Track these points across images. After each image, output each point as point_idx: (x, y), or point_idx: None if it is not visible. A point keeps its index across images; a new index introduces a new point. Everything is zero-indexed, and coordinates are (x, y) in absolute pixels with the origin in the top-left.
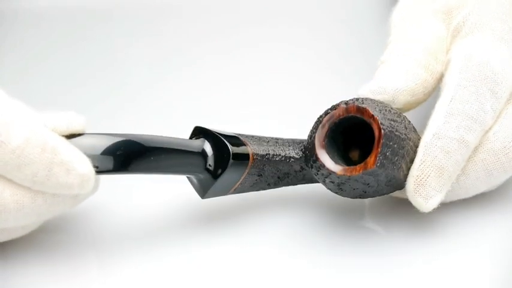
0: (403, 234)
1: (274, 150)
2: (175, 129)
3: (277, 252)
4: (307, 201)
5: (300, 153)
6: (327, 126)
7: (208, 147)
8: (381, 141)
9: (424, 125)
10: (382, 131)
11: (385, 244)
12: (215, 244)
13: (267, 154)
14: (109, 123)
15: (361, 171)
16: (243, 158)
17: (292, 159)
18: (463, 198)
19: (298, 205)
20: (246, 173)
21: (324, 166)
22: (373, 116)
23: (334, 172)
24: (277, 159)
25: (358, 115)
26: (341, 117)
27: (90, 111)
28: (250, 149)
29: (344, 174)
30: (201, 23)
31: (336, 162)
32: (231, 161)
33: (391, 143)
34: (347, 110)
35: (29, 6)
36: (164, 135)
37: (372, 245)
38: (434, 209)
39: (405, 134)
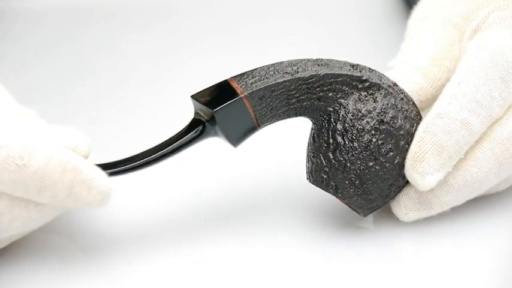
0: (404, 232)
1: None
2: (176, 126)
3: (280, 251)
4: (309, 199)
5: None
6: None
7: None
8: None
9: None
10: None
11: (385, 243)
12: (220, 244)
13: (276, 118)
14: (109, 122)
15: None
16: (249, 133)
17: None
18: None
19: (301, 203)
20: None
21: None
22: None
23: None
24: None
25: None
26: None
27: (90, 109)
28: (256, 122)
29: None
30: (203, 19)
31: None
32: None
33: None
34: None
35: (29, 5)
36: (164, 135)
37: (372, 244)
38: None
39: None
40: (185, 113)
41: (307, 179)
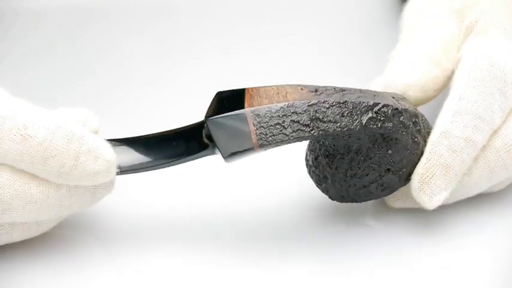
0: (404, 232)
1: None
2: (175, 126)
3: (278, 250)
4: (308, 198)
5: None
6: None
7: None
8: None
9: (433, 123)
10: None
11: (386, 243)
12: (220, 243)
13: (276, 143)
14: (109, 122)
15: None
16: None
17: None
18: (465, 198)
19: (300, 201)
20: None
21: None
22: None
23: None
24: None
25: None
26: None
27: (90, 109)
28: (256, 144)
29: None
30: (203, 19)
31: None
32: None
33: None
34: None
35: (29, 5)
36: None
37: (373, 244)
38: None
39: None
40: (185, 113)
41: (306, 162)
